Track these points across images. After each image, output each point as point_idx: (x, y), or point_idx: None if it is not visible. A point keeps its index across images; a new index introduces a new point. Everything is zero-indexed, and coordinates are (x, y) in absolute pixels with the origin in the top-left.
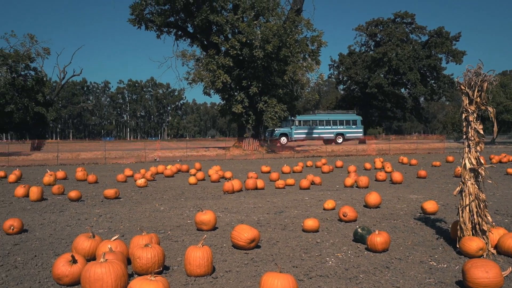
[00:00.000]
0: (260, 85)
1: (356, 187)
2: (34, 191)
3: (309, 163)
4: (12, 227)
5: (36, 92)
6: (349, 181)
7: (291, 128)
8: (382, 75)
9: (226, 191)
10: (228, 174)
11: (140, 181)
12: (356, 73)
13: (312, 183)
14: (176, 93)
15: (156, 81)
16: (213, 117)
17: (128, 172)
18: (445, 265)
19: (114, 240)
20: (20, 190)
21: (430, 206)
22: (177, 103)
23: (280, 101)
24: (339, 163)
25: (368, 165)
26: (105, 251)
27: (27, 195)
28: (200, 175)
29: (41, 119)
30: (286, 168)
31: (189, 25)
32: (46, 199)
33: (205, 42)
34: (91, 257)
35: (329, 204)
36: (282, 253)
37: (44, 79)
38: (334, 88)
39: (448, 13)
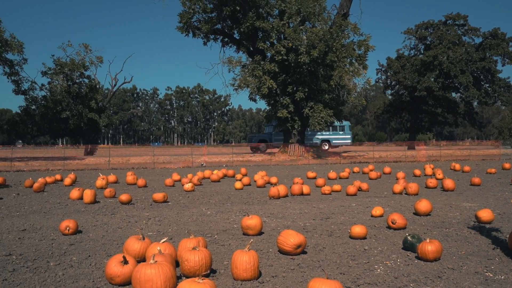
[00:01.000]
0: (306, 90)
1: (405, 194)
2: (88, 194)
3: (356, 169)
4: (68, 228)
5: (90, 99)
6: (397, 187)
7: (271, 134)
8: (432, 79)
9: (271, 196)
10: (273, 179)
11: (188, 186)
12: (404, 77)
13: (359, 189)
14: (222, 99)
15: (203, 88)
16: (258, 122)
17: (175, 176)
18: (502, 277)
19: (163, 242)
20: (75, 193)
21: (485, 214)
22: (223, 109)
23: (326, 106)
24: (387, 169)
25: (417, 172)
26: (155, 253)
27: (81, 198)
28: (246, 180)
29: (94, 125)
30: (332, 174)
31: (235, 32)
32: (99, 201)
33: (251, 48)
34: (141, 259)
35: (377, 210)
36: (328, 259)
37: (97, 86)
38: (381, 93)
39: (504, 13)
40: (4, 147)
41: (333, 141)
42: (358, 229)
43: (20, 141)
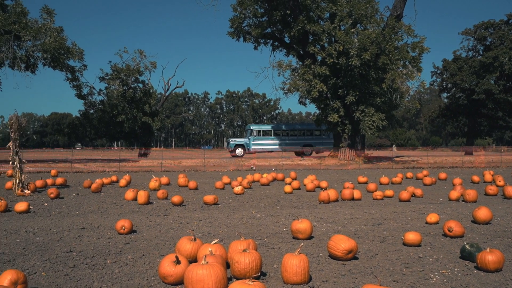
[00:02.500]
0: (357, 93)
1: (463, 201)
2: (142, 195)
3: (409, 174)
4: (123, 228)
5: (144, 103)
6: (454, 194)
7: (248, 139)
8: (492, 81)
9: (321, 200)
10: (323, 183)
11: (237, 189)
12: (462, 79)
13: (413, 195)
14: (271, 103)
15: (253, 91)
16: None
17: (226, 179)
18: None
19: (214, 244)
20: (129, 194)
21: None
22: (272, 112)
23: (378, 110)
24: (442, 175)
25: (476, 178)
26: (206, 254)
27: (135, 199)
28: (295, 184)
29: (147, 128)
30: (384, 179)
31: (285, 36)
32: (152, 203)
33: (301, 52)
34: (192, 259)
35: (432, 217)
36: (381, 266)
37: (151, 91)
38: (436, 96)
39: None
40: (64, 149)
41: (316, 146)
42: (412, 236)
43: (79, 144)
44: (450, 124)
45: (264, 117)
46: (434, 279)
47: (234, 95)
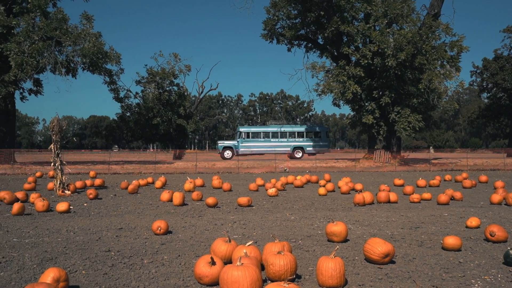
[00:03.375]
0: (393, 95)
1: (505, 204)
2: (177, 197)
3: (447, 177)
4: (159, 228)
5: (178, 106)
6: (496, 197)
7: (237, 141)
8: None
9: (357, 203)
10: (358, 186)
11: (271, 191)
12: (503, 79)
13: (452, 198)
14: (305, 105)
15: (286, 93)
16: (342, 128)
17: (259, 181)
18: None
19: (248, 245)
20: (165, 195)
21: None
22: (306, 114)
23: (414, 111)
24: (483, 177)
25: None
26: (241, 255)
27: (171, 200)
28: (329, 186)
29: (182, 131)
30: (421, 182)
31: (319, 37)
32: (187, 204)
33: (335, 53)
34: (227, 260)
35: (473, 221)
36: (419, 270)
37: (185, 93)
38: (476, 96)
39: None
40: (102, 151)
41: (307, 148)
42: (452, 240)
43: (116, 146)
44: (491, 125)
45: (298, 119)
46: (476, 285)
47: (267, 97)
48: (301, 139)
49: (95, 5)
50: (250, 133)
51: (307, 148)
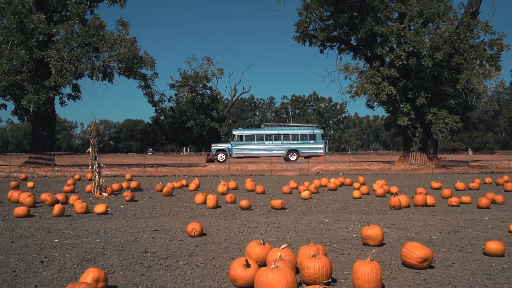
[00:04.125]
0: (429, 95)
1: None
2: (211, 199)
3: (487, 179)
4: (194, 230)
5: (211, 109)
6: None
7: (230, 144)
8: None
9: (392, 206)
10: (394, 189)
11: (305, 193)
12: None
13: (493, 202)
14: (338, 107)
15: (318, 95)
16: (376, 130)
17: (292, 184)
18: None
19: (283, 248)
20: (199, 198)
21: None
22: (339, 116)
23: (451, 112)
24: None
25: None
26: (276, 258)
27: (204, 202)
28: (364, 189)
29: (215, 134)
30: (460, 185)
31: (352, 38)
32: (221, 206)
33: (369, 54)
34: (261, 263)
35: None
36: (459, 276)
37: (218, 97)
38: None
39: None
40: (137, 154)
41: (302, 151)
42: (494, 245)
43: (151, 149)
44: None
45: (330, 121)
46: None
47: (299, 99)
48: (295, 142)
49: (130, 11)
50: (244, 136)
51: (302, 151)
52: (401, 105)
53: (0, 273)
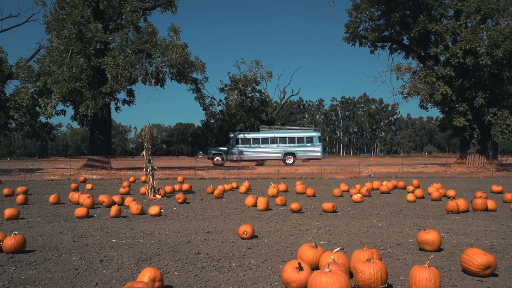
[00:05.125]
0: (487, 95)
1: None
2: (262, 202)
3: None
4: (245, 233)
5: (261, 111)
6: None
7: (227, 147)
8: None
9: (450, 210)
10: (450, 192)
11: (356, 196)
12: None
13: None
14: (389, 108)
15: (369, 97)
16: (429, 132)
17: (343, 187)
18: None
19: (336, 252)
20: (249, 200)
21: None
22: (390, 118)
23: None
24: None
25: None
26: (329, 261)
27: (255, 205)
28: (418, 192)
29: None
30: None
31: (404, 38)
32: (271, 209)
33: (422, 53)
34: (314, 266)
35: None
36: None
37: (267, 99)
38: None
39: None
40: (188, 157)
41: (299, 154)
42: None
43: (201, 152)
44: None
45: (381, 123)
46: None
47: (349, 101)
48: (292, 145)
49: (181, 17)
50: (240, 139)
51: (299, 154)
52: (457, 105)
53: (64, 270)
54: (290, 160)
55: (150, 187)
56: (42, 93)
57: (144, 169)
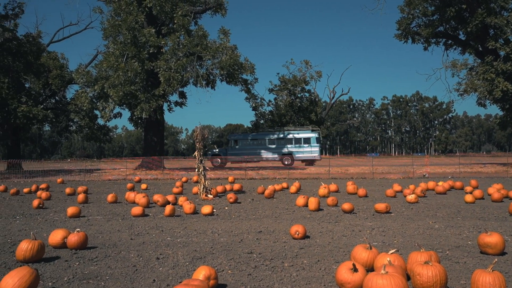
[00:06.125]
0: None
1: None
2: (313, 202)
3: None
4: (297, 233)
5: (310, 111)
6: None
7: (225, 149)
8: None
9: None
10: None
11: (411, 197)
12: None
13: None
14: (444, 106)
15: (422, 95)
16: (488, 130)
17: (396, 187)
18: None
19: (391, 253)
20: (300, 200)
21: None
22: (445, 116)
23: None
24: None
25: None
26: (384, 263)
27: (306, 205)
28: (477, 193)
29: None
30: None
31: (460, 33)
32: (322, 209)
33: (480, 49)
34: (368, 268)
35: None
36: None
37: (316, 99)
38: None
39: None
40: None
41: (296, 155)
42: None
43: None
44: None
45: (435, 121)
46: None
47: (401, 99)
48: (289, 146)
49: (230, 19)
50: (238, 141)
51: (297, 155)
52: None
53: (123, 267)
54: (287, 161)
55: (202, 187)
56: (100, 97)
57: (196, 169)
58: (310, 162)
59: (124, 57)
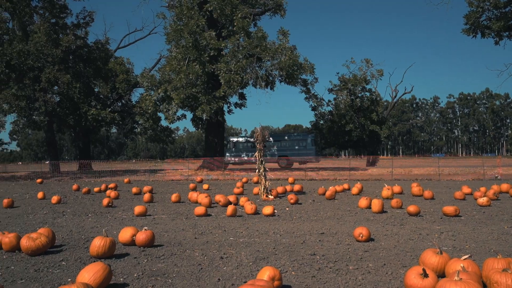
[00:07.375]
0: None
1: None
2: (376, 204)
3: None
4: (361, 235)
5: (371, 111)
6: None
7: (224, 151)
8: None
9: None
10: None
11: (482, 200)
12: None
13: None
14: None
15: (492, 92)
16: None
17: (466, 189)
18: None
19: (464, 259)
20: (363, 202)
21: None
22: None
23: None
24: None
25: None
26: (457, 269)
27: (369, 207)
28: None
29: (375, 137)
30: None
31: None
32: (386, 211)
33: None
34: (439, 273)
35: None
36: None
37: (378, 99)
38: None
39: None
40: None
41: (292, 157)
42: None
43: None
44: None
45: (508, 120)
46: None
47: (469, 97)
48: (285, 148)
49: (289, 19)
50: (236, 143)
51: (292, 157)
52: None
53: (189, 265)
54: (283, 163)
55: (262, 187)
56: (163, 100)
57: (257, 170)
58: (305, 163)
59: (186, 60)
